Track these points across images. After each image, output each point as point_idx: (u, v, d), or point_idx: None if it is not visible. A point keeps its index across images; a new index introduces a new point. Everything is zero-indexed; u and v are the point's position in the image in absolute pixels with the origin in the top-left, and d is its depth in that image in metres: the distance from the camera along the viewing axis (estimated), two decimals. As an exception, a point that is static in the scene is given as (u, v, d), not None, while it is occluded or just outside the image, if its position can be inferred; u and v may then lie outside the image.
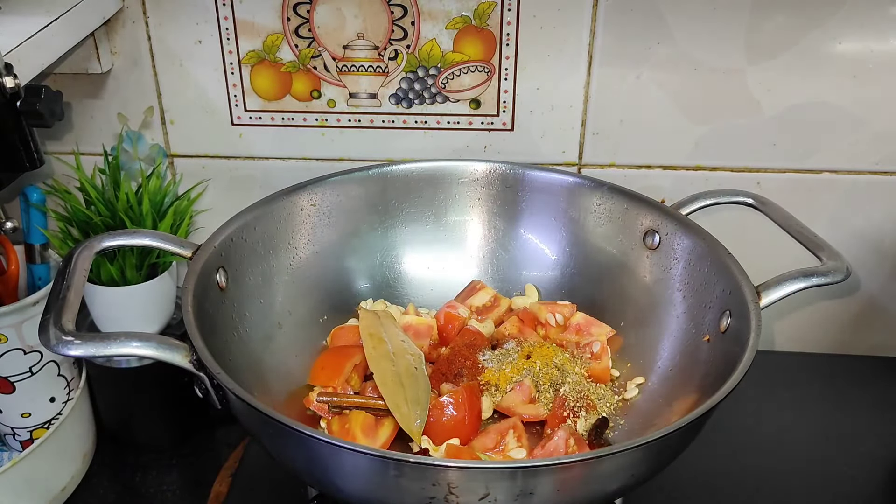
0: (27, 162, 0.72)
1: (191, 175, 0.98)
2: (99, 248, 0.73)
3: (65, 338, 0.62)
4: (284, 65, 0.91)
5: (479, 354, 0.83)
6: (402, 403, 0.74)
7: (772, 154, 0.93)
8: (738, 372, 0.65)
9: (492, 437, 0.76)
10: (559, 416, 0.78)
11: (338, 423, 0.76)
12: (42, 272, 0.87)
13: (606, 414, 0.80)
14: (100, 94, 0.94)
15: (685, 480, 0.85)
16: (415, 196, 0.92)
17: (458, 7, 0.87)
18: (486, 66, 0.91)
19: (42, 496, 0.82)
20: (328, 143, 0.96)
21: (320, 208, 0.88)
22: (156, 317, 0.89)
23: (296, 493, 0.83)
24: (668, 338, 0.82)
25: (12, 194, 0.95)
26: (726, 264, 0.77)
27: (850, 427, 0.94)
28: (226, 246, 0.79)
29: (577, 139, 0.94)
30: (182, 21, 0.90)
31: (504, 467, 0.61)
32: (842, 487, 0.86)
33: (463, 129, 0.94)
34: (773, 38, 0.87)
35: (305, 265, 0.88)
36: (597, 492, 0.63)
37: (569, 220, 0.91)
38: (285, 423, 0.60)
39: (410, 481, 0.59)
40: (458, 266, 0.94)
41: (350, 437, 0.74)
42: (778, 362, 1.02)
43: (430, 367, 0.82)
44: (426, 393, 0.76)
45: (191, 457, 0.91)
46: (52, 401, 0.86)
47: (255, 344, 0.80)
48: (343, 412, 0.76)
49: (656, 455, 0.64)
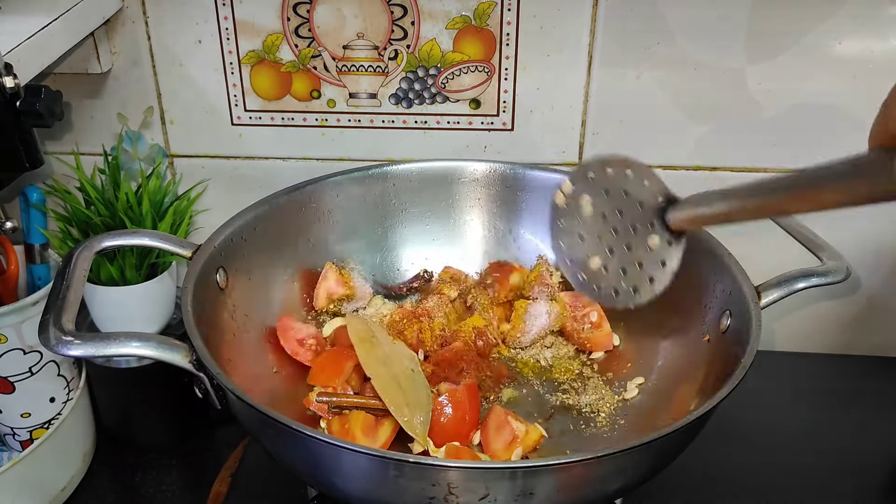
0: (27, 162, 0.72)
1: (191, 175, 0.98)
2: (99, 249, 0.73)
3: (64, 338, 0.62)
4: (284, 65, 0.91)
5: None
6: (404, 407, 0.74)
7: (772, 154, 0.93)
8: (738, 372, 0.65)
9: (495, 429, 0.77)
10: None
11: (338, 423, 0.76)
12: (42, 272, 0.87)
13: (606, 414, 0.80)
14: (100, 94, 0.94)
15: (685, 480, 0.85)
16: (415, 196, 0.92)
17: (458, 7, 0.87)
18: (486, 66, 0.91)
19: (42, 496, 0.82)
20: (328, 143, 0.96)
21: (320, 208, 0.88)
22: (156, 317, 0.89)
23: (296, 493, 0.83)
24: (667, 338, 0.82)
25: (12, 194, 0.95)
26: (726, 264, 0.77)
27: (850, 427, 0.94)
28: (225, 246, 0.79)
29: (577, 139, 0.94)
30: (182, 21, 0.90)
31: (504, 467, 0.61)
32: (842, 487, 0.86)
33: (463, 129, 0.94)
34: (773, 38, 0.87)
35: (305, 265, 0.88)
36: (597, 492, 0.63)
37: (569, 220, 0.91)
38: (285, 424, 0.60)
39: (410, 481, 0.59)
40: (457, 266, 0.94)
41: (350, 437, 0.74)
42: (778, 362, 1.02)
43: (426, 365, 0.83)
44: (427, 395, 0.76)
45: (191, 457, 0.91)
46: (52, 401, 0.86)
47: (254, 344, 0.80)
48: (343, 412, 0.76)
49: (656, 455, 0.65)
